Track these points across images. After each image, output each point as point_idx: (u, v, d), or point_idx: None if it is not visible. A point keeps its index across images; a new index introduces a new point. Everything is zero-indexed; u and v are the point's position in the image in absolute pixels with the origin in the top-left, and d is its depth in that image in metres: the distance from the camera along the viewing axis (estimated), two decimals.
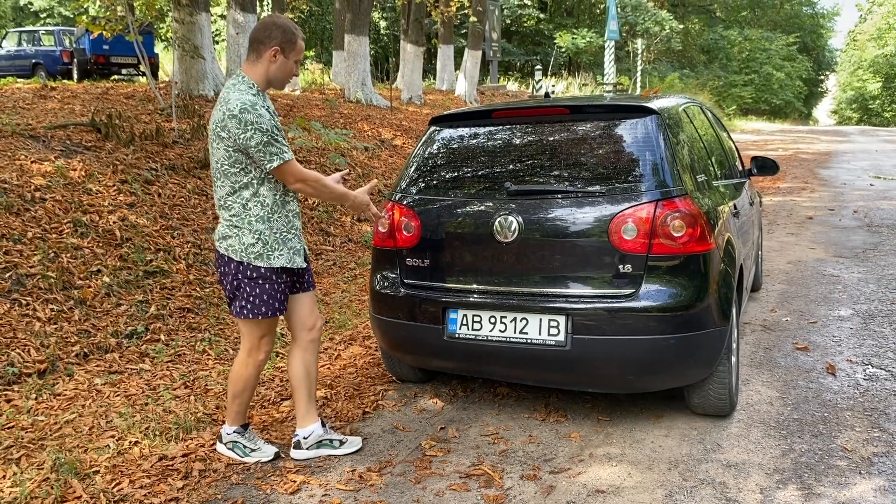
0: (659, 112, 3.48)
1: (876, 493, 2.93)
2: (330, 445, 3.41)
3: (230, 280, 3.20)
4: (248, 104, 3.01)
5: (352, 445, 3.44)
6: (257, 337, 3.30)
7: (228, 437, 3.44)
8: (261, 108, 3.04)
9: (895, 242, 7.82)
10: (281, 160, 3.05)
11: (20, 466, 3.32)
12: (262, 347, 3.33)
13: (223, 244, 3.19)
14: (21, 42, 18.97)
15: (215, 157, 3.13)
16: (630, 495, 2.98)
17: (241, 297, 3.19)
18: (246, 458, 3.39)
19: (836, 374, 4.20)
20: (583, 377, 3.39)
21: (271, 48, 3.12)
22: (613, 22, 28.05)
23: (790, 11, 51.08)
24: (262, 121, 3.00)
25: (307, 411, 3.41)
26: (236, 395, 3.39)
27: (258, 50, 3.14)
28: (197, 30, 10.00)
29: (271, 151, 3.03)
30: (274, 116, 3.14)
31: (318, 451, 3.40)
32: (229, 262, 3.17)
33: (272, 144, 3.03)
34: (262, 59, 3.14)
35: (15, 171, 6.04)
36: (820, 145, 22.19)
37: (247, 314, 3.20)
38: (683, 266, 3.22)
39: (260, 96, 3.11)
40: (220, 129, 3.05)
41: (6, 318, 4.62)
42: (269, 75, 3.16)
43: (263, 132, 3.00)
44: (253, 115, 2.99)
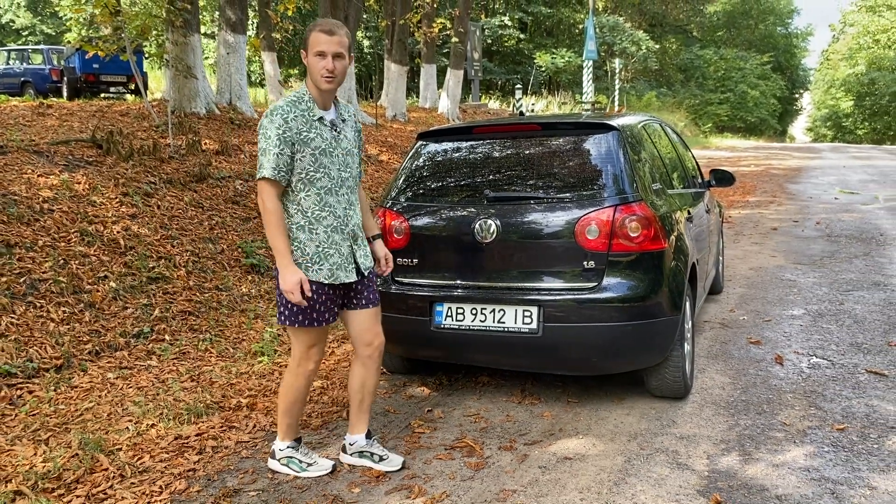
0: (619, 128, 3.95)
1: (805, 457, 3.39)
2: (370, 458, 3.41)
3: (277, 286, 3.15)
4: (271, 109, 3.04)
5: (391, 465, 3.38)
6: (305, 346, 3.24)
7: (282, 452, 3.39)
8: (280, 116, 3.02)
9: (851, 251, 8.35)
10: (260, 175, 3.03)
11: (49, 445, 3.69)
12: (312, 357, 3.27)
13: None
14: (10, 60, 19.26)
15: None
16: (594, 461, 3.41)
17: (280, 304, 3.18)
18: (303, 474, 3.34)
19: (784, 364, 4.67)
20: (553, 361, 3.83)
21: (303, 52, 3.13)
22: (591, 42, 28.77)
23: (764, 31, 52.40)
24: (271, 128, 3.00)
25: (356, 420, 3.45)
26: (288, 407, 3.33)
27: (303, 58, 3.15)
28: (189, 50, 10.42)
29: (261, 163, 3.03)
30: (309, 128, 3.07)
31: (360, 460, 3.43)
32: (275, 269, 3.15)
33: (264, 155, 3.01)
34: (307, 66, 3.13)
35: (23, 184, 6.42)
36: (791, 161, 22.91)
37: (284, 320, 3.17)
38: (639, 262, 3.68)
39: (299, 106, 3.07)
40: None
41: (23, 318, 4.99)
42: (311, 80, 3.12)
43: (266, 139, 3.01)
44: (267, 121, 3.02)
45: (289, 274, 3.04)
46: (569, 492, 3.14)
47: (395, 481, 3.29)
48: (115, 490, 3.27)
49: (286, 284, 3.03)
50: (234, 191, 8.22)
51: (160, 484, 3.32)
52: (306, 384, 3.32)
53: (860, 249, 8.39)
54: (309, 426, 3.95)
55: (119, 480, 3.35)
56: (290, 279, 3.03)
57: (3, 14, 40.15)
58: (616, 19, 37.09)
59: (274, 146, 3.00)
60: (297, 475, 3.35)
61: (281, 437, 3.42)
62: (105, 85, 17.57)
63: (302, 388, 3.31)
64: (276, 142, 3.00)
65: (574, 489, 3.16)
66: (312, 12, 27.76)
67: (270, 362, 4.97)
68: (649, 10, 44.04)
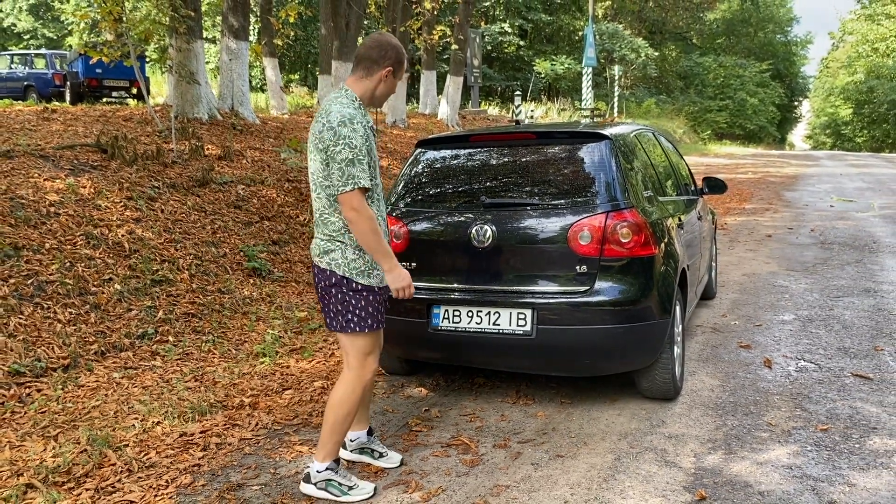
0: (611, 137, 4.09)
1: (789, 456, 3.51)
2: (370, 454, 3.51)
3: (333, 294, 3.14)
4: (348, 117, 3.00)
5: (390, 461, 3.49)
6: (364, 354, 3.21)
7: (320, 475, 3.23)
8: (359, 123, 3.02)
9: (843, 257, 8.48)
10: (355, 185, 2.97)
11: (58, 441, 3.82)
12: (369, 366, 3.24)
13: (325, 259, 3.14)
14: (12, 64, 19.43)
15: (312, 167, 3.11)
16: (585, 459, 3.54)
17: (347, 312, 3.13)
18: (344, 498, 3.19)
19: (772, 367, 4.80)
20: (546, 362, 3.96)
21: (386, 68, 3.15)
22: (591, 49, 28.98)
23: (764, 39, 52.67)
24: (356, 137, 2.98)
25: (359, 417, 3.50)
26: (341, 422, 3.20)
27: (370, 68, 3.15)
28: (193, 56, 10.56)
29: (351, 173, 2.96)
30: (371, 135, 3.11)
31: (360, 456, 3.53)
32: (331, 276, 3.12)
33: (355, 165, 2.97)
34: (372, 76, 3.15)
35: (30, 188, 6.55)
36: (789, 169, 23.08)
37: (354, 327, 3.14)
38: (630, 267, 3.81)
39: (360, 111, 3.10)
40: (318, 141, 3.04)
41: (31, 319, 5.11)
42: (376, 93, 3.19)
43: (353, 148, 2.97)
44: (348, 130, 2.98)
45: (400, 271, 3.11)
46: (560, 487, 3.26)
47: (393, 477, 3.41)
48: (123, 484, 3.39)
49: (403, 281, 3.11)
50: (237, 195, 8.35)
51: (166, 478, 3.44)
52: (362, 396, 3.25)
53: (853, 256, 8.52)
54: (309, 424, 4.08)
55: (127, 475, 3.48)
56: (405, 275, 3.12)
57: (4, 18, 40.35)
58: (615, 27, 37.31)
59: (364, 155, 3.01)
60: (338, 500, 3.19)
61: (322, 457, 3.23)
62: (108, 90, 17.73)
63: (358, 401, 3.23)
64: (364, 151, 3.01)
65: (565, 485, 3.28)
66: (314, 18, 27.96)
67: (272, 363, 5.10)
68: (649, 17, 44.28)
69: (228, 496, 3.27)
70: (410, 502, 3.18)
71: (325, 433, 3.23)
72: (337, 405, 3.21)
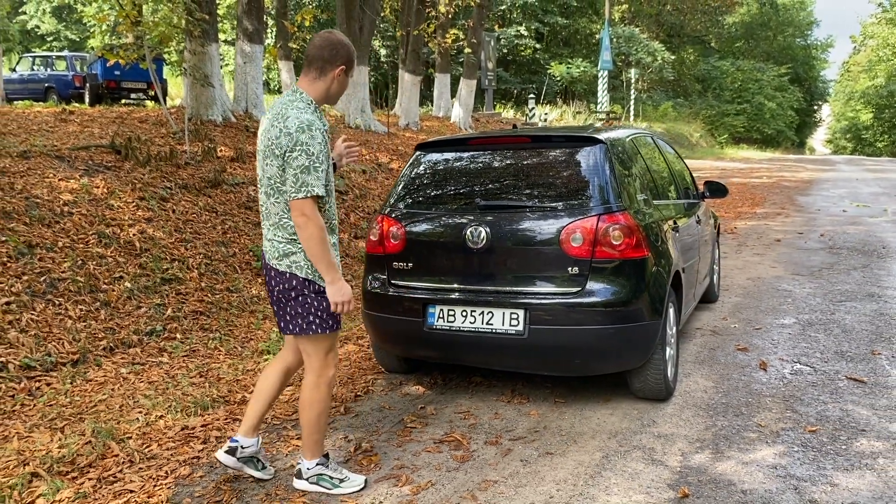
0: (605, 142, 4.16)
1: (775, 456, 3.57)
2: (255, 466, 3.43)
3: (293, 297, 3.12)
4: (306, 123, 2.98)
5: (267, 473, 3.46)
6: (324, 353, 3.23)
7: (311, 471, 3.31)
8: (317, 129, 3.01)
9: (851, 262, 8.48)
10: (308, 193, 2.96)
11: (64, 433, 3.95)
12: (331, 363, 3.27)
13: (284, 262, 3.11)
14: (34, 66, 19.76)
15: (268, 173, 3.07)
16: (573, 456, 3.61)
17: (308, 314, 3.12)
18: (335, 491, 3.28)
19: (767, 370, 4.84)
20: (538, 361, 4.04)
21: (339, 66, 3.14)
22: (607, 52, 29.03)
23: (783, 43, 52.31)
24: (313, 144, 2.97)
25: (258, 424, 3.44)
26: (316, 422, 3.26)
27: (323, 68, 3.13)
28: (207, 59, 10.73)
29: (306, 181, 2.96)
30: (326, 138, 3.09)
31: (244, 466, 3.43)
32: (291, 279, 3.11)
33: (310, 173, 2.96)
34: (325, 76, 3.14)
35: (45, 187, 6.71)
36: (804, 174, 22.96)
37: (316, 329, 3.14)
38: (621, 269, 3.88)
39: (317, 115, 3.10)
40: (275, 147, 3.01)
41: (42, 315, 5.26)
42: (329, 92, 3.18)
43: (309, 156, 2.96)
44: (307, 136, 2.96)
45: (342, 285, 3.09)
46: (546, 483, 3.34)
47: (385, 470, 3.50)
48: (124, 474, 3.51)
49: (344, 295, 3.08)
50: (248, 196, 8.49)
51: (166, 469, 3.56)
52: (330, 393, 3.28)
53: (860, 261, 8.52)
54: None
55: (128, 466, 3.59)
56: (347, 290, 3.10)
57: (28, 20, 40.96)
58: (632, 30, 37.23)
59: (321, 162, 3.00)
60: (330, 493, 3.27)
61: (309, 455, 3.31)
62: (126, 91, 18.00)
63: (327, 399, 3.26)
64: (321, 158, 3.00)
65: (552, 481, 3.36)
66: (329, 22, 28.16)
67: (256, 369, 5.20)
68: (667, 20, 44.15)
69: (224, 487, 3.37)
70: (400, 495, 3.27)
71: (305, 435, 3.31)
72: (308, 408, 3.25)
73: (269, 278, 3.21)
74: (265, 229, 3.21)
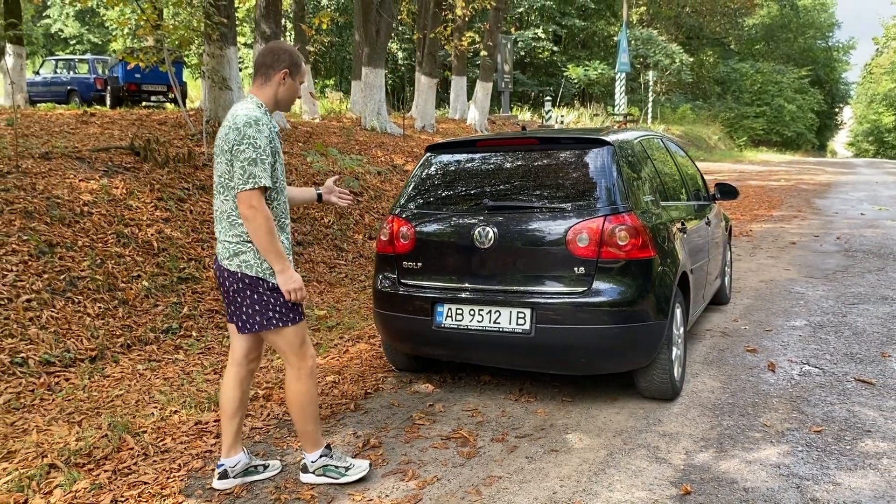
0: (612, 143, 4.21)
1: (779, 455, 3.59)
2: (255, 472, 3.48)
3: (248, 296, 3.17)
4: (254, 119, 3.07)
5: (273, 469, 3.53)
6: (297, 345, 3.27)
7: (315, 463, 3.38)
8: (264, 125, 3.09)
9: (865, 265, 8.45)
10: (255, 184, 3.01)
11: (81, 427, 4.05)
12: (307, 353, 3.31)
13: (235, 261, 3.15)
14: (57, 69, 20.08)
15: (218, 170, 3.16)
16: (578, 454, 3.66)
17: (267, 310, 3.17)
18: (343, 479, 3.36)
19: (775, 371, 4.86)
20: (544, 360, 4.09)
21: (280, 71, 3.23)
22: (624, 55, 28.99)
23: (804, 45, 51.86)
24: (260, 137, 3.05)
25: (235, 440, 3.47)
26: (305, 413, 3.32)
27: (267, 74, 3.23)
28: (225, 63, 10.86)
29: (252, 172, 3.02)
30: (275, 138, 3.17)
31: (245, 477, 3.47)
32: (243, 278, 3.15)
33: (257, 165, 3.02)
34: (271, 82, 3.23)
35: (66, 188, 6.86)
36: (823, 177, 22.79)
37: (277, 323, 3.18)
38: (627, 269, 3.93)
39: (266, 115, 3.17)
40: (224, 142, 3.10)
41: (62, 312, 5.39)
42: (277, 97, 3.26)
43: (256, 148, 3.03)
44: (253, 130, 3.04)
45: (292, 273, 3.16)
46: (551, 479, 3.39)
47: (392, 465, 3.57)
48: (138, 466, 3.60)
49: (294, 283, 3.14)
50: None
51: (179, 462, 3.65)
52: (312, 384, 3.31)
53: (875, 264, 8.48)
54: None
55: (143, 458, 3.69)
56: (296, 278, 3.16)
57: (52, 24, 41.56)
58: (650, 32, 37.15)
59: (267, 155, 3.07)
60: (337, 482, 3.35)
61: (310, 448, 3.38)
62: (146, 94, 18.25)
63: (311, 390, 3.31)
64: (267, 151, 3.07)
65: (556, 477, 3.41)
66: (349, 25, 28.35)
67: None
68: (686, 22, 43.98)
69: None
70: (406, 489, 3.33)
71: (299, 429, 3.39)
72: (295, 403, 3.33)
73: (221, 279, 3.25)
74: (217, 232, 3.25)
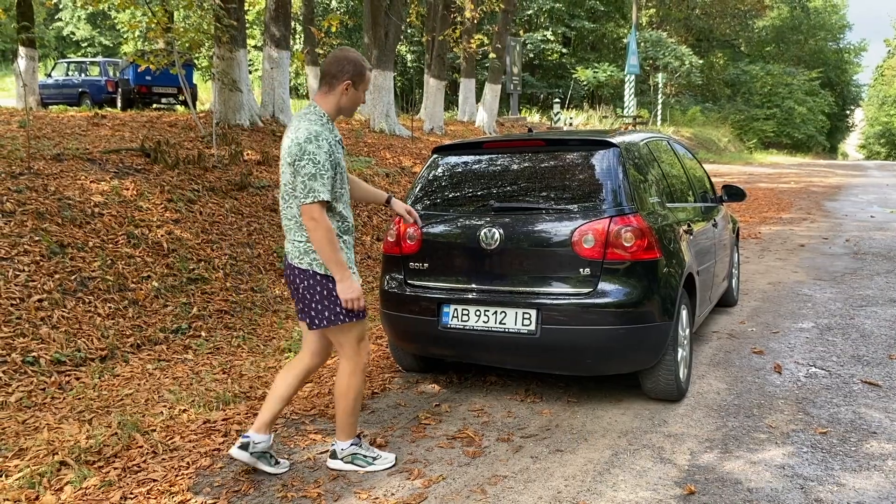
0: (618, 145, 4.23)
1: (784, 456, 3.60)
2: (267, 461, 3.53)
3: (318, 291, 3.31)
4: (314, 134, 3.20)
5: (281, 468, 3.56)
6: (356, 341, 3.43)
7: (345, 451, 3.54)
8: (324, 140, 3.22)
9: (874, 268, 8.42)
10: (315, 199, 3.16)
11: (92, 425, 4.10)
12: (363, 350, 3.47)
13: (306, 259, 3.31)
14: (69, 72, 20.24)
15: (283, 178, 3.31)
16: (583, 454, 3.68)
17: (334, 305, 3.30)
18: (370, 468, 3.52)
19: (782, 373, 4.86)
20: (550, 361, 4.11)
21: (345, 81, 3.34)
22: (634, 57, 28.98)
23: (815, 47, 51.62)
24: (320, 153, 3.18)
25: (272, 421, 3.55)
26: (353, 406, 3.50)
27: (331, 83, 3.34)
28: (235, 65, 10.95)
29: (312, 187, 3.15)
30: (336, 149, 3.30)
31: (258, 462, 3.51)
32: (314, 275, 3.30)
33: (316, 180, 3.16)
34: (334, 91, 3.34)
35: (77, 189, 6.93)
36: (833, 179, 22.69)
37: (343, 318, 3.32)
38: (632, 270, 3.95)
39: (327, 127, 3.29)
40: (287, 155, 3.24)
41: (73, 312, 5.44)
42: (339, 105, 3.38)
43: (316, 164, 3.17)
44: (314, 146, 3.18)
45: (351, 283, 3.28)
46: (555, 479, 3.41)
47: (398, 464, 3.60)
48: (147, 464, 3.65)
49: (354, 292, 3.28)
50: (273, 199, 8.65)
51: (188, 461, 3.69)
52: (363, 380, 3.51)
53: (884, 267, 8.45)
54: (325, 414, 4.29)
55: (152, 456, 3.73)
56: (354, 287, 3.29)
57: (64, 27, 41.87)
58: (659, 34, 37.09)
59: (327, 171, 3.20)
60: (364, 470, 3.51)
61: (344, 437, 3.55)
62: (157, 96, 18.36)
63: (361, 386, 3.50)
64: (327, 166, 3.20)
65: (560, 477, 3.43)
66: (357, 27, 28.43)
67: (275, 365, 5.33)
68: (696, 24, 43.88)
69: (243, 478, 3.49)
70: (412, 488, 3.36)
71: (340, 419, 3.54)
72: (343, 395, 3.50)
73: (292, 277, 3.40)
74: (287, 231, 3.41)
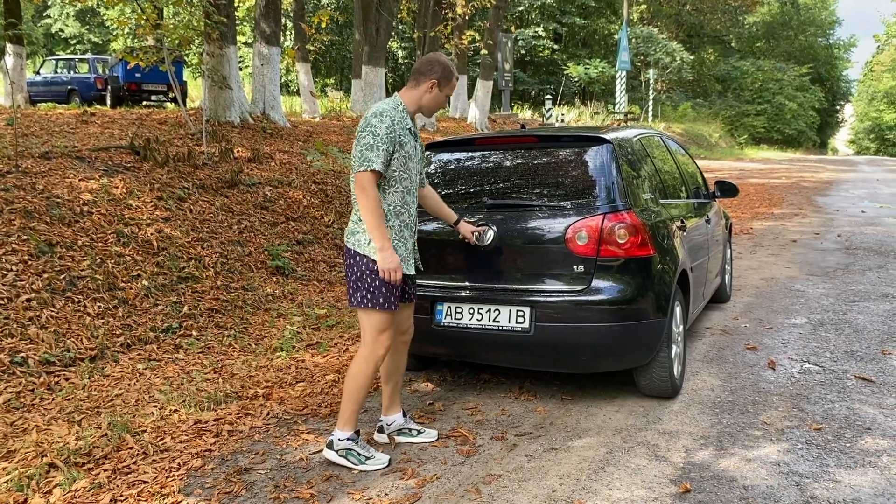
0: (611, 141, 4.20)
1: (778, 453, 3.59)
2: (409, 434, 3.80)
3: (354, 272, 3.44)
4: (380, 111, 3.38)
5: (427, 436, 3.80)
6: (377, 331, 3.46)
7: (341, 443, 3.54)
8: (388, 117, 3.36)
9: (866, 263, 8.44)
10: (368, 167, 3.29)
11: (81, 426, 4.05)
12: (382, 343, 3.49)
13: (352, 239, 3.46)
14: (57, 69, 20.08)
15: (352, 154, 3.43)
16: (577, 452, 3.65)
17: (362, 288, 3.41)
18: (361, 467, 3.49)
19: (775, 369, 4.85)
20: (544, 358, 4.09)
21: (430, 80, 3.53)
22: (625, 53, 28.97)
23: (804, 43, 51.82)
24: (381, 126, 3.32)
25: (392, 402, 3.84)
26: (356, 392, 3.50)
27: (417, 80, 3.55)
28: (225, 62, 10.87)
29: (367, 157, 3.29)
30: (403, 133, 3.42)
31: (398, 437, 3.80)
32: (355, 255, 3.43)
33: (373, 150, 3.29)
34: (419, 87, 3.54)
35: (66, 187, 6.86)
36: (824, 174, 22.77)
37: (367, 303, 3.41)
38: (626, 267, 3.92)
39: (399, 111, 3.46)
40: (357, 132, 3.42)
41: (62, 312, 5.38)
42: (421, 102, 3.56)
43: (375, 136, 3.31)
44: (377, 120, 3.34)
45: (391, 254, 3.36)
46: (550, 478, 3.39)
47: (391, 464, 3.57)
48: (138, 466, 3.60)
49: (390, 263, 3.34)
50: (264, 197, 8.60)
51: (178, 462, 3.64)
52: (375, 370, 3.51)
53: (876, 262, 8.47)
54: (318, 414, 4.26)
55: (142, 458, 3.69)
56: (393, 258, 3.35)
57: (52, 23, 41.57)
58: (650, 30, 37.12)
59: (383, 143, 3.32)
60: (354, 468, 3.49)
61: (342, 426, 3.55)
62: (146, 93, 18.25)
63: (371, 375, 3.50)
64: (385, 139, 3.32)
65: (555, 475, 3.41)
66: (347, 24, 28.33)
67: (288, 357, 5.30)
68: (686, 20, 43.93)
69: (234, 479, 3.46)
70: (405, 488, 3.33)
71: (343, 406, 3.56)
72: (351, 377, 3.52)
73: (344, 255, 3.55)
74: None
